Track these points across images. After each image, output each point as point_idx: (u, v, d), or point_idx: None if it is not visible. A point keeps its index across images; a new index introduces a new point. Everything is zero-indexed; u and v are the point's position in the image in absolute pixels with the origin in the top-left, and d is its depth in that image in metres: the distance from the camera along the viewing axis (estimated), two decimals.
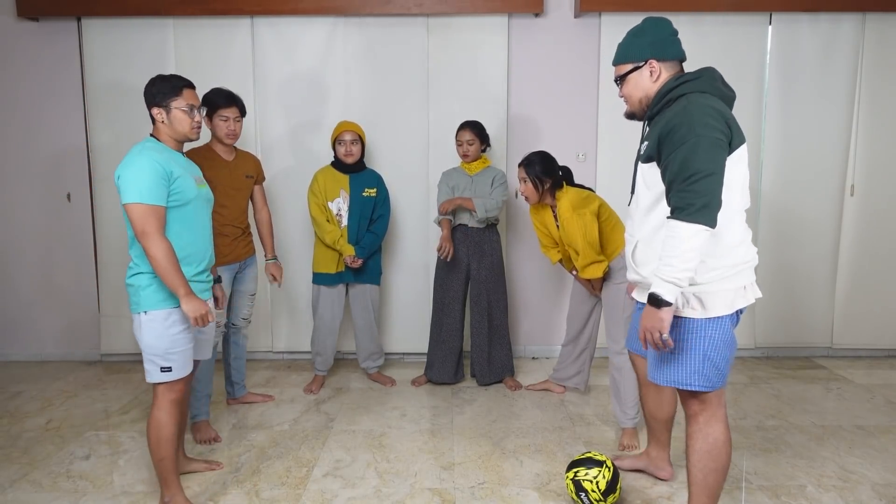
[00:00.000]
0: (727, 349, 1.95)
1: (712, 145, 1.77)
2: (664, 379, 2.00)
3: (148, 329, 2.20)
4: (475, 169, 3.57)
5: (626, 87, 2.05)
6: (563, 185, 3.07)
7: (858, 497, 2.47)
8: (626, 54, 2.03)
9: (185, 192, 2.23)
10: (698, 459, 2.01)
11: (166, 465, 2.30)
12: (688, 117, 1.80)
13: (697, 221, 1.74)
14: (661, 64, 1.98)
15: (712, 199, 1.75)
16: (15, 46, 3.95)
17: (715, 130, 1.78)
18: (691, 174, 1.75)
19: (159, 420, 2.26)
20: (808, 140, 4.00)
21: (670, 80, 1.96)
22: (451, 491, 2.54)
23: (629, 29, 2.07)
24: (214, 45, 3.91)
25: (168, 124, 2.26)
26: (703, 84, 1.91)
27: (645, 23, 2.03)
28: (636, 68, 2.00)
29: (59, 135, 4.03)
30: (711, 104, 1.84)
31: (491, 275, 3.60)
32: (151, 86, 2.26)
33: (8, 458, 2.84)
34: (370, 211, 3.53)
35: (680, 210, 1.77)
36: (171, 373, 2.24)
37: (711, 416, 2.00)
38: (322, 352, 3.61)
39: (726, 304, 1.92)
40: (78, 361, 4.19)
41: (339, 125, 3.49)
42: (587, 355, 3.42)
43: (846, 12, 3.87)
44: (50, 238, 4.12)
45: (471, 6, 3.82)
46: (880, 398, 3.49)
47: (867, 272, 4.13)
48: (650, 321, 1.85)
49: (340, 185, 3.48)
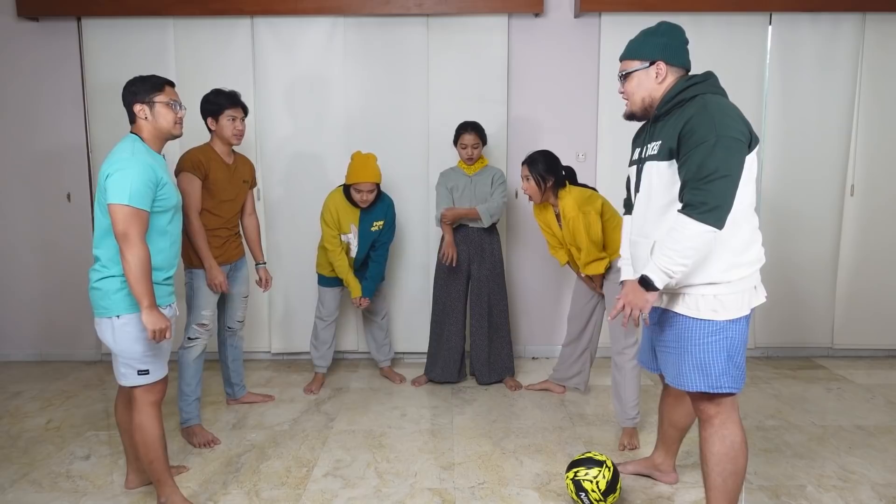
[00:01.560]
0: (744, 349, 1.97)
1: (731, 146, 1.78)
2: (692, 385, 1.96)
3: (123, 333, 2.17)
4: (474, 169, 3.57)
5: (629, 83, 2.05)
6: (565, 184, 3.07)
7: (858, 497, 2.47)
8: (637, 51, 2.03)
9: (169, 199, 2.22)
10: (717, 463, 1.99)
11: (158, 467, 2.29)
12: (709, 116, 1.81)
13: (707, 222, 1.76)
14: (669, 68, 1.99)
15: (725, 202, 1.77)
16: (15, 46, 3.95)
17: (735, 131, 1.80)
18: (708, 174, 1.76)
19: (142, 424, 2.24)
20: (808, 140, 4.00)
21: (680, 81, 1.97)
22: (451, 491, 2.54)
23: (643, 28, 2.06)
24: (214, 45, 3.91)
25: (151, 120, 2.23)
26: (712, 86, 1.93)
27: (661, 25, 2.03)
28: (643, 67, 2.00)
29: (58, 135, 4.03)
30: (729, 104, 1.86)
31: (491, 275, 3.60)
32: (131, 85, 2.25)
33: (8, 458, 2.84)
34: (376, 239, 3.55)
35: (692, 207, 1.78)
36: (149, 375, 2.23)
37: (727, 418, 1.98)
38: (320, 347, 3.64)
39: (744, 303, 1.93)
40: (78, 361, 4.19)
41: (357, 171, 3.33)
42: (588, 356, 3.42)
43: (846, 12, 3.87)
44: (50, 238, 4.12)
45: (471, 6, 3.82)
46: (880, 398, 3.49)
47: (867, 272, 4.13)
48: (635, 298, 1.89)
49: (351, 219, 3.47)
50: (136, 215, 2.09)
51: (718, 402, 1.98)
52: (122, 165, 2.10)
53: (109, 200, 2.08)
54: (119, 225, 2.08)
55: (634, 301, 1.89)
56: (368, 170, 3.34)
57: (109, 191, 2.09)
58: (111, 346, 2.21)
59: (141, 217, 2.10)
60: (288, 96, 3.96)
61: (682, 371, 1.99)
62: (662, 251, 1.82)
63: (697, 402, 2.02)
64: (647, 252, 2.03)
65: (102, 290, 2.17)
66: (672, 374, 2.03)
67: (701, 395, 1.99)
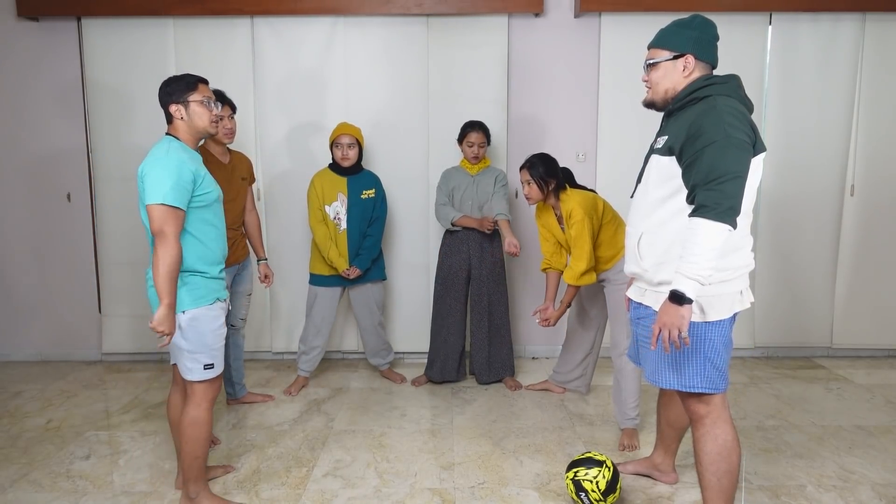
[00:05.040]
0: (726, 351, 1.97)
1: (739, 147, 1.78)
2: (666, 382, 2.00)
3: (191, 328, 2.18)
4: (477, 168, 3.57)
5: (655, 72, 2.02)
6: (565, 186, 3.07)
7: (858, 497, 2.47)
8: (668, 41, 2.01)
9: (211, 192, 2.22)
10: (710, 462, 2.00)
11: (201, 464, 2.29)
12: (717, 118, 1.81)
13: (724, 221, 1.74)
14: (697, 63, 1.97)
15: (737, 202, 1.76)
16: (15, 46, 3.95)
17: (742, 133, 1.80)
18: (720, 175, 1.75)
19: (199, 419, 2.24)
20: (807, 140, 4.00)
21: (700, 78, 1.96)
22: (451, 491, 2.54)
23: (676, 19, 2.04)
24: (214, 45, 3.91)
25: (187, 120, 2.24)
26: (730, 89, 1.92)
27: (695, 19, 2.01)
28: (674, 58, 1.99)
29: (58, 135, 4.03)
30: (738, 108, 1.86)
31: (492, 275, 3.60)
32: (166, 86, 2.25)
33: (8, 458, 2.84)
34: (370, 213, 3.53)
35: (707, 209, 1.75)
36: (213, 369, 2.24)
37: (717, 417, 1.99)
38: (309, 352, 3.59)
39: (725, 307, 1.93)
40: (78, 361, 4.19)
41: (337, 128, 3.47)
42: (591, 360, 3.42)
43: (846, 12, 3.87)
44: (50, 238, 4.11)
45: (471, 6, 3.82)
46: (880, 398, 3.49)
47: (867, 272, 4.12)
48: (670, 318, 1.80)
49: (338, 188, 3.47)
50: (171, 214, 2.09)
51: (708, 402, 1.99)
52: (157, 165, 2.11)
53: (147, 201, 2.09)
54: (155, 223, 2.08)
55: (671, 322, 1.80)
56: (347, 125, 3.46)
57: (146, 191, 2.10)
58: (177, 342, 2.20)
59: (177, 216, 2.10)
60: (288, 96, 3.96)
61: (658, 368, 2.01)
62: (686, 259, 1.77)
63: (687, 402, 2.04)
64: (633, 243, 2.03)
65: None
66: (649, 371, 2.06)
67: (689, 394, 2.01)
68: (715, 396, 1.99)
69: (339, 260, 3.46)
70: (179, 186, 2.10)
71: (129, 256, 4.01)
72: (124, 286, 4.05)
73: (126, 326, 4.07)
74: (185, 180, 2.12)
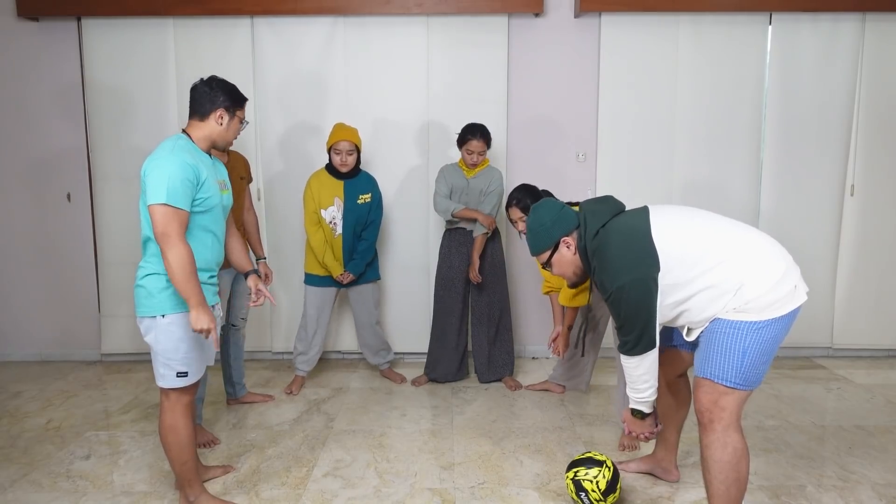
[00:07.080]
0: (766, 353, 1.93)
1: (632, 288, 1.94)
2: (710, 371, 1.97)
3: (167, 333, 2.14)
4: (473, 172, 3.56)
5: (555, 269, 2.22)
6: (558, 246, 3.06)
7: (858, 497, 2.47)
8: (540, 244, 2.19)
9: (211, 198, 2.19)
10: (720, 471, 1.97)
11: (190, 467, 2.28)
12: (607, 270, 2.00)
13: (636, 354, 2.02)
14: (570, 237, 2.15)
15: (644, 334, 1.98)
16: (15, 46, 3.95)
17: (630, 270, 1.95)
18: (622, 323, 2.02)
19: (175, 425, 2.22)
20: (807, 140, 4.00)
21: (578, 241, 2.13)
22: (451, 491, 2.54)
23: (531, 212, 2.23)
24: (214, 45, 3.90)
25: (224, 128, 2.25)
26: (597, 220, 2.07)
27: (538, 211, 2.19)
28: (555, 251, 2.18)
29: (58, 135, 4.02)
30: (620, 242, 2.00)
31: (493, 275, 3.60)
32: (219, 89, 2.23)
33: (8, 458, 2.84)
34: (365, 217, 3.53)
35: (622, 346, 2.06)
36: (187, 377, 2.20)
37: (729, 424, 1.96)
38: (306, 351, 3.59)
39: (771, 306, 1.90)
40: (78, 361, 4.19)
41: (336, 132, 3.42)
42: (589, 359, 3.42)
43: (846, 12, 3.87)
44: (50, 238, 4.11)
45: (471, 6, 3.82)
46: (880, 398, 3.49)
47: (867, 272, 4.12)
48: (637, 427, 2.20)
49: (335, 192, 3.46)
50: (174, 214, 2.05)
51: (723, 407, 1.95)
52: (159, 164, 2.07)
53: (148, 201, 2.05)
54: (158, 225, 2.04)
55: (638, 429, 2.21)
56: (346, 130, 3.41)
57: (148, 190, 2.06)
58: (153, 345, 2.18)
59: (180, 216, 2.06)
60: (288, 96, 3.96)
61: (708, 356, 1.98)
62: (629, 387, 2.13)
63: (702, 402, 1.99)
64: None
65: (147, 287, 2.14)
66: (699, 360, 2.03)
67: (707, 395, 1.97)
68: (733, 399, 1.94)
69: (335, 264, 3.46)
70: (182, 187, 2.06)
71: (129, 256, 3.99)
72: (124, 286, 4.04)
73: (126, 326, 4.06)
74: (189, 181, 2.08)
